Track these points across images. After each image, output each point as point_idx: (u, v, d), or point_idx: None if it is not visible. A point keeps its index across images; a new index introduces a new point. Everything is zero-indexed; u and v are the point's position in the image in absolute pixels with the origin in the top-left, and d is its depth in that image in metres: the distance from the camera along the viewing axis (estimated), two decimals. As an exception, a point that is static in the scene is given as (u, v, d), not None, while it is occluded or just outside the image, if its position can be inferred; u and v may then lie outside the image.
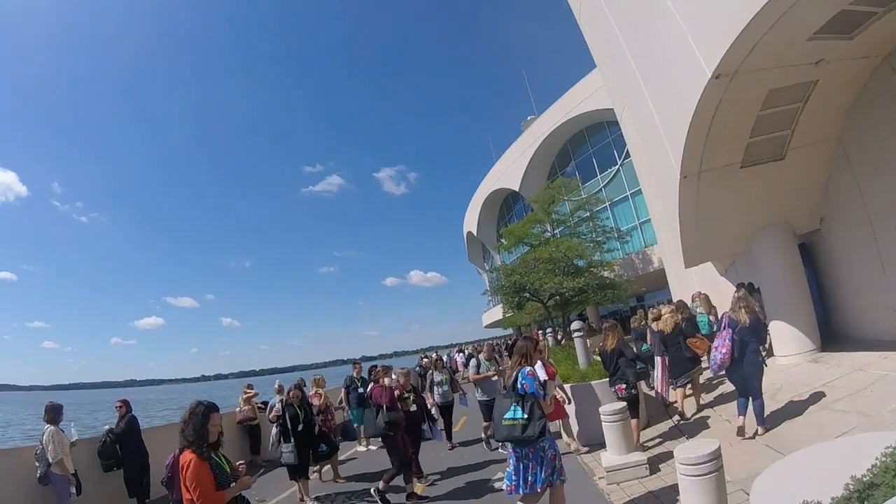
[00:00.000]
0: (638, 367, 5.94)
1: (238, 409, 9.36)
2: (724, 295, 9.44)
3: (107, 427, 6.76)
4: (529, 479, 3.64)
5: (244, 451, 9.22)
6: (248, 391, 9.64)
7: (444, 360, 16.78)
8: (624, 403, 5.52)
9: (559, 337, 17.51)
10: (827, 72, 5.56)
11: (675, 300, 9.60)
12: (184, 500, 2.98)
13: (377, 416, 5.67)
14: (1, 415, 42.75)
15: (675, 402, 6.80)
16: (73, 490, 5.56)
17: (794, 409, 5.45)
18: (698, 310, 8.85)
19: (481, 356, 7.56)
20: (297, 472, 6.10)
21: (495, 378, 7.31)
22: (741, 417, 5.24)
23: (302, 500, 6.08)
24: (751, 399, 5.19)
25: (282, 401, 6.38)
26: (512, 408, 3.69)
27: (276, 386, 9.23)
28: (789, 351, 7.26)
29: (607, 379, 6.16)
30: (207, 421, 3.00)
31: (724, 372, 5.48)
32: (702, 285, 10.16)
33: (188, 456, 2.91)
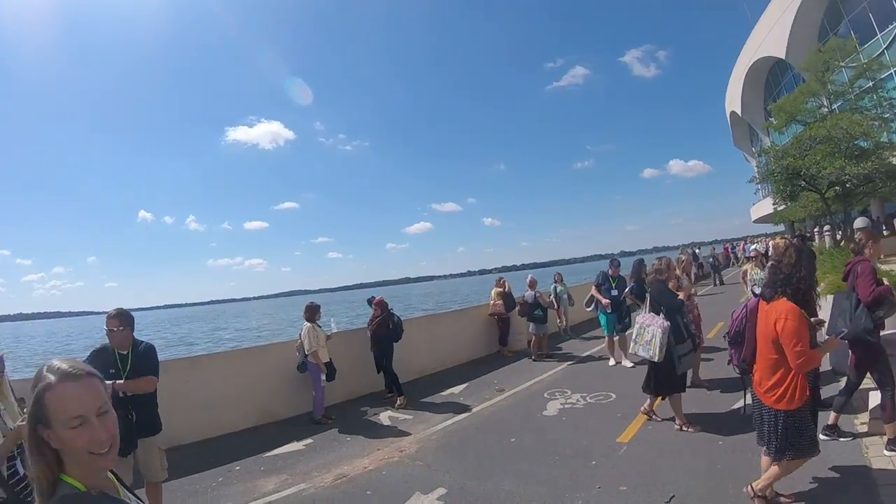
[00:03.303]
0: None
1: (491, 303, 9.61)
2: None
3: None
4: None
5: (492, 342, 9.65)
6: (500, 286, 9.67)
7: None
8: None
9: (838, 237, 13.48)
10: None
11: None
12: (760, 352, 2.84)
13: (857, 309, 3.56)
14: (294, 313, 56.77)
15: None
16: (324, 378, 6.14)
17: None
18: None
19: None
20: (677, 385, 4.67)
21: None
22: None
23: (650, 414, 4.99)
24: None
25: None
26: None
27: (529, 280, 9.12)
28: None
29: None
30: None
31: None
32: None
33: (786, 305, 2.66)
